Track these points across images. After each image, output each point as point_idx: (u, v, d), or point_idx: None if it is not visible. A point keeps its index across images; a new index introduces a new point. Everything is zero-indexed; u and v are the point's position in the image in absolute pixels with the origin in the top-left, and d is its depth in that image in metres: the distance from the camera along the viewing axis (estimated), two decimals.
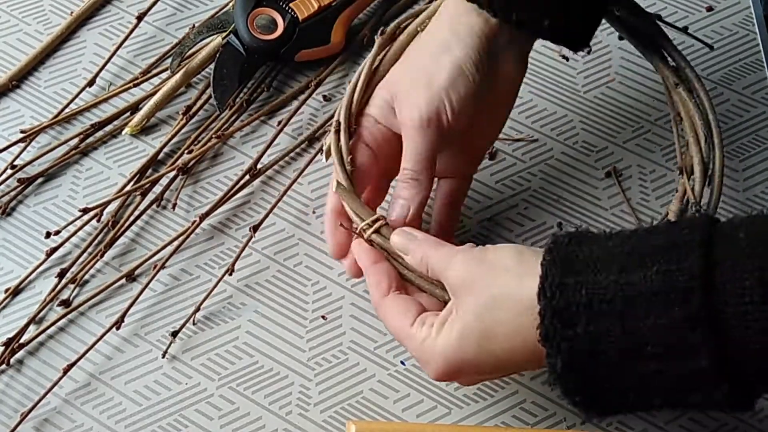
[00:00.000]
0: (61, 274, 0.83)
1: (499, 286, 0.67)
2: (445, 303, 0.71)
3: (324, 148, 0.81)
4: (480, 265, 0.69)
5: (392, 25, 0.84)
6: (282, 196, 0.87)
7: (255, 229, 0.84)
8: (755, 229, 0.60)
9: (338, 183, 0.77)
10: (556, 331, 0.62)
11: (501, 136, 0.91)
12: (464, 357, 0.68)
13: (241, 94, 0.93)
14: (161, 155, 0.89)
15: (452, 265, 0.70)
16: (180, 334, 0.80)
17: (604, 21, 0.85)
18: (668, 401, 0.63)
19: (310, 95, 0.93)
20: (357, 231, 0.76)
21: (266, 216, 0.85)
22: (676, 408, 0.65)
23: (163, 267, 0.83)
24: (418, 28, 0.82)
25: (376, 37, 0.82)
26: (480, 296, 0.68)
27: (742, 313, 0.58)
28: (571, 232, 0.65)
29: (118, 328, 0.80)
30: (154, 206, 0.87)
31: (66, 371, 0.78)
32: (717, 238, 0.61)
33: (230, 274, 0.83)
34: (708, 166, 0.81)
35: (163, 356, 0.79)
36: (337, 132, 0.79)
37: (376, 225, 0.75)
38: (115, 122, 0.92)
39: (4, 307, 0.82)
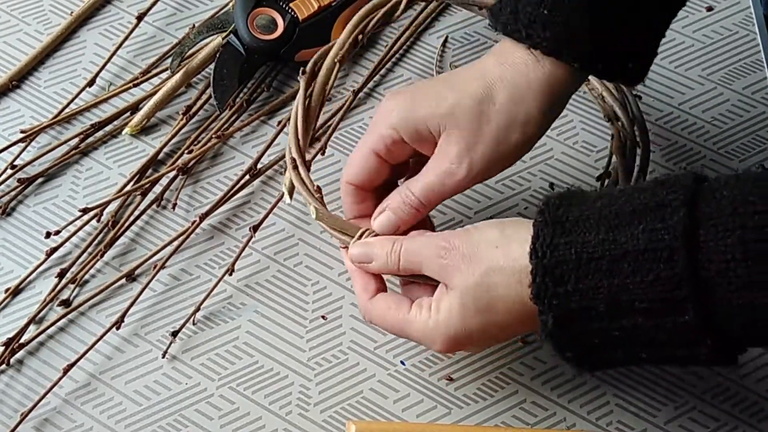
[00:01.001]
0: (61, 274, 0.83)
1: (489, 261, 0.68)
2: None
3: (285, 188, 0.80)
4: (467, 244, 0.70)
5: (310, 63, 0.86)
6: (282, 196, 0.86)
7: (255, 229, 0.84)
8: (739, 187, 0.62)
9: (316, 209, 0.76)
10: (547, 288, 0.64)
11: None
12: (469, 330, 0.70)
13: (241, 94, 0.93)
14: (161, 155, 0.89)
15: (439, 248, 0.71)
16: (180, 334, 0.80)
17: None
18: (655, 355, 0.65)
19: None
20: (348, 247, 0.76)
21: (266, 216, 0.85)
22: (663, 363, 0.67)
23: (163, 267, 0.83)
24: (335, 60, 0.85)
25: (298, 77, 0.84)
26: (473, 274, 0.69)
27: (725, 270, 0.60)
28: (562, 193, 0.67)
29: (118, 328, 0.80)
30: (154, 206, 0.87)
31: (66, 371, 0.78)
32: (701, 197, 0.62)
33: (230, 274, 0.83)
34: (627, 109, 0.88)
35: (163, 356, 0.79)
36: (295, 168, 0.79)
37: (366, 236, 0.75)
38: (115, 122, 0.92)
39: (4, 307, 0.82)
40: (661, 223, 0.62)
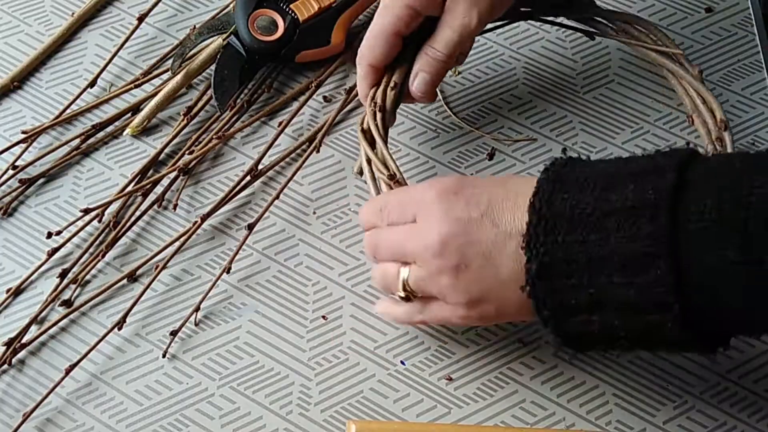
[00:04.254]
0: (63, 275, 0.83)
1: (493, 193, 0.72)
2: None
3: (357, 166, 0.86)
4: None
5: None
6: (281, 191, 0.86)
7: (251, 227, 0.84)
8: (726, 156, 0.66)
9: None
10: (538, 237, 0.66)
11: (500, 136, 0.91)
12: (472, 181, 0.73)
13: (242, 95, 0.93)
14: (162, 156, 0.90)
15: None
16: (181, 334, 0.80)
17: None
18: (627, 324, 0.66)
19: (310, 96, 0.93)
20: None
21: (262, 214, 0.85)
22: (636, 342, 0.67)
23: (164, 267, 0.83)
24: None
25: None
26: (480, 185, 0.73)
27: (701, 229, 0.62)
28: (569, 157, 0.70)
29: (120, 329, 0.80)
30: (155, 207, 0.87)
31: (68, 371, 0.78)
32: (692, 163, 0.65)
33: (228, 273, 0.83)
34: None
35: (164, 356, 0.80)
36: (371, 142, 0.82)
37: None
38: (116, 123, 0.92)
39: (5, 307, 0.82)
40: (651, 184, 0.64)
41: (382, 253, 0.76)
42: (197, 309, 0.81)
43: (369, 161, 0.80)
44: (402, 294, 0.75)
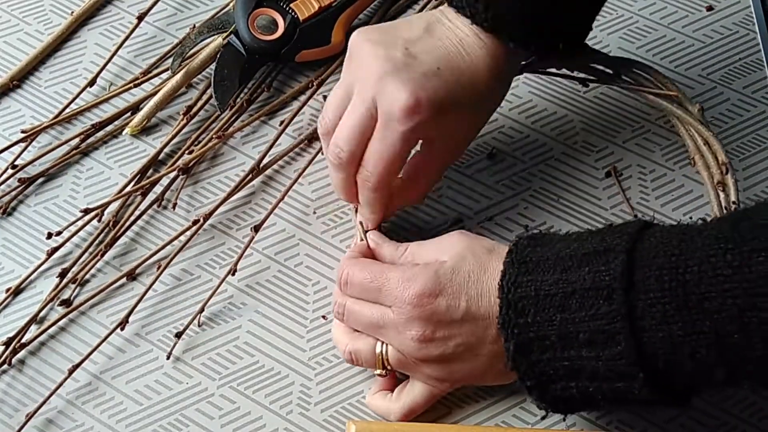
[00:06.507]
0: (62, 274, 0.83)
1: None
2: None
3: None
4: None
5: None
6: (283, 196, 0.86)
7: (257, 229, 0.84)
8: (668, 233, 0.69)
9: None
10: (510, 319, 0.71)
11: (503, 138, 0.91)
12: (449, 280, 0.74)
13: (242, 95, 0.93)
14: (162, 155, 0.90)
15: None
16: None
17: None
18: (600, 389, 0.70)
19: (311, 96, 0.93)
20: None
21: (268, 216, 0.85)
22: (614, 403, 0.71)
23: (167, 266, 0.83)
24: None
25: None
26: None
27: (649, 305, 0.67)
28: (531, 235, 0.74)
29: (122, 329, 0.80)
30: (154, 206, 0.87)
31: (71, 372, 0.78)
32: (639, 241, 0.69)
33: (233, 274, 0.83)
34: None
35: (168, 358, 0.80)
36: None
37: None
38: (116, 122, 0.92)
39: (5, 307, 0.82)
40: (605, 266, 0.69)
41: (351, 323, 0.78)
42: (201, 310, 0.81)
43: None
44: (381, 371, 0.77)
